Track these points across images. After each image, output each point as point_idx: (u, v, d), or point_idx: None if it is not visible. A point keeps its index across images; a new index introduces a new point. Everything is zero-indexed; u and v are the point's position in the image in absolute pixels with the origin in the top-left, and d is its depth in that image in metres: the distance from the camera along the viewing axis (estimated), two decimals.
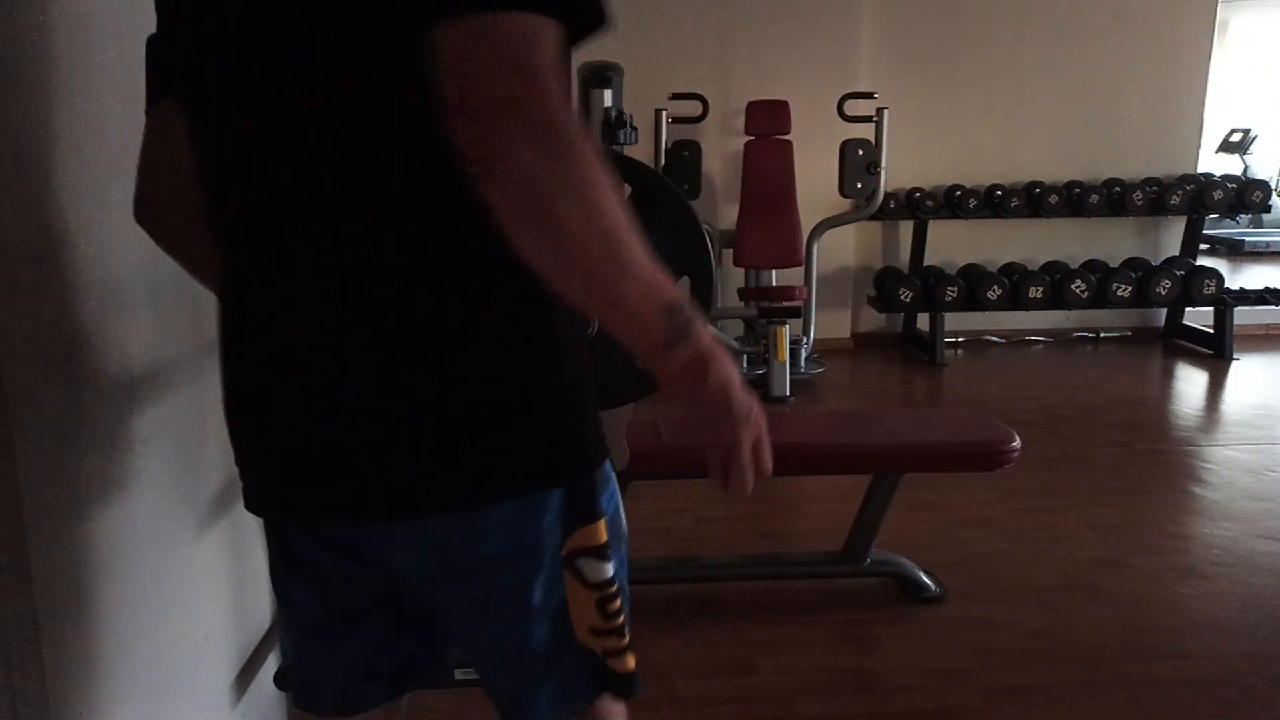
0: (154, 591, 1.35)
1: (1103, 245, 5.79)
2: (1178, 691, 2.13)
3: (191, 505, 1.49)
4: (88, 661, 1.16)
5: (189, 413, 1.49)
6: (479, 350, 0.84)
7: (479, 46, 0.70)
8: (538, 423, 0.87)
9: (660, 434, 2.53)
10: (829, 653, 2.34)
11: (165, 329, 1.41)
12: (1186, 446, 3.92)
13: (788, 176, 5.04)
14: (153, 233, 1.03)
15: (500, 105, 0.70)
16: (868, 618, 2.50)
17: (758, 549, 2.95)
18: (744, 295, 5.00)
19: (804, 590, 2.64)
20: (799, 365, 4.90)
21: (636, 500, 3.04)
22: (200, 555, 1.52)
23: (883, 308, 5.50)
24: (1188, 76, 5.73)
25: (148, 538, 1.33)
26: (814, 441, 2.55)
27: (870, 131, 4.86)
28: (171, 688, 1.39)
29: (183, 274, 1.08)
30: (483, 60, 0.70)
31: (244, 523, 1.72)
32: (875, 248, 5.84)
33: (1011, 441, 2.42)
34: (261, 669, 1.75)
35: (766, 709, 2.10)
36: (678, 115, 4.96)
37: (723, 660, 2.30)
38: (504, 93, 0.70)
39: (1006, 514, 3.17)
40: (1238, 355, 5.39)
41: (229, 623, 1.63)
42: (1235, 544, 2.91)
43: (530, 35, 0.71)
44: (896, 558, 2.66)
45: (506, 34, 0.71)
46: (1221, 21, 6.00)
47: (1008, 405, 4.43)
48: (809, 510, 3.28)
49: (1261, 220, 8.33)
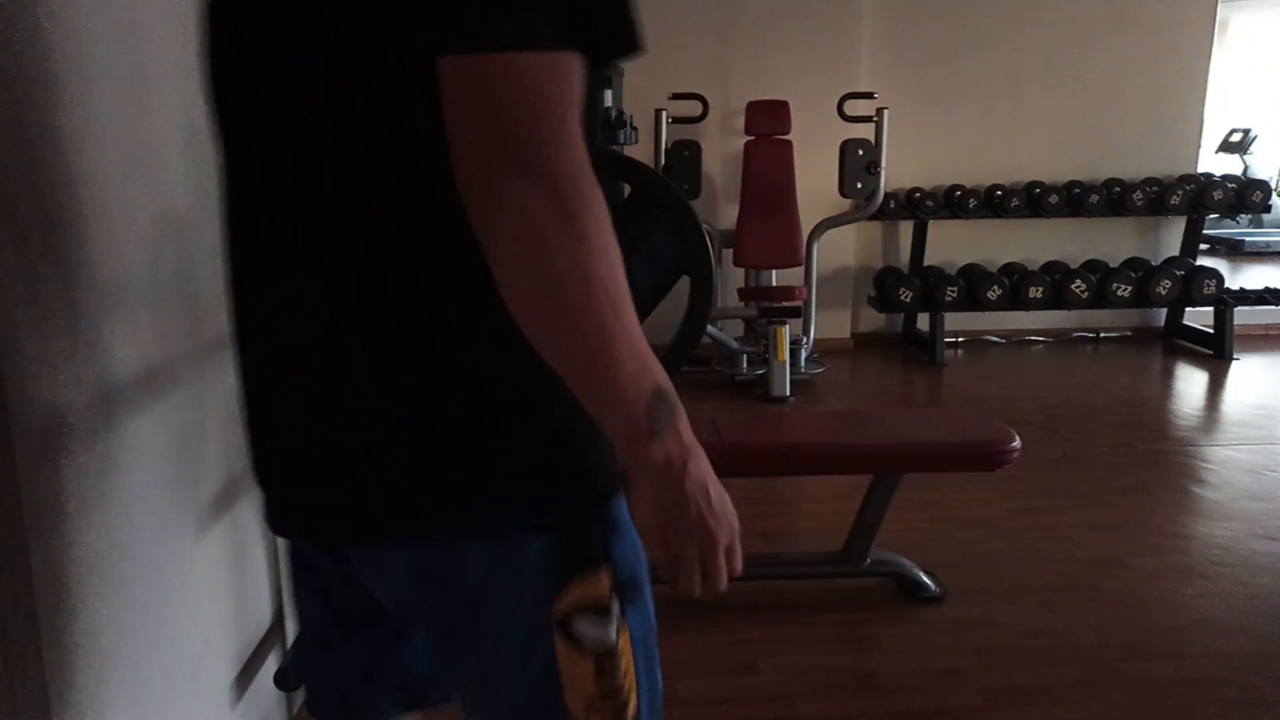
0: (154, 591, 1.35)
1: (1103, 245, 5.79)
2: (1178, 691, 2.13)
3: (191, 505, 1.49)
4: (88, 661, 1.16)
5: (189, 413, 1.49)
6: (464, 363, 0.78)
7: (481, 87, 0.66)
8: (520, 453, 0.80)
9: None
10: (829, 653, 2.34)
11: (165, 329, 1.41)
12: (1186, 446, 3.92)
13: (788, 176, 5.04)
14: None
15: (502, 152, 0.66)
16: (868, 618, 2.50)
17: (758, 549, 2.94)
18: (744, 295, 5.00)
19: (804, 590, 2.64)
20: (799, 365, 4.90)
21: None
22: (200, 555, 1.52)
23: (883, 308, 5.50)
24: (1187, 76, 5.73)
25: (148, 538, 1.33)
26: (814, 441, 2.54)
27: (870, 131, 4.86)
28: (171, 688, 1.39)
29: (183, 274, 1.08)
30: (485, 102, 0.66)
31: (244, 523, 1.72)
32: (875, 248, 5.84)
33: (1011, 441, 2.42)
34: (261, 669, 1.75)
35: (766, 709, 2.10)
36: (678, 115, 4.96)
37: (723, 660, 2.29)
38: (508, 138, 0.66)
39: (1006, 514, 3.17)
40: (1238, 355, 5.39)
41: (229, 623, 1.63)
42: (1235, 544, 2.91)
43: (541, 76, 0.66)
44: (896, 558, 2.66)
45: (515, 75, 0.66)
46: (1221, 21, 6.00)
47: (1008, 405, 4.43)
48: (809, 510, 3.28)
49: (1261, 220, 8.33)
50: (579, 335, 0.68)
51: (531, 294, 0.68)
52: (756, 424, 2.73)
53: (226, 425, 1.64)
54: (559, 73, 0.67)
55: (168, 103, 1.44)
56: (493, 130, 0.66)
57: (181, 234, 1.47)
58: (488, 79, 0.66)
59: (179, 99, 1.47)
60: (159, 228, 1.39)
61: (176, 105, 1.47)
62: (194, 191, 1.52)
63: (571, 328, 0.68)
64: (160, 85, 1.41)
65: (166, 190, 1.43)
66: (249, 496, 1.74)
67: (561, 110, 0.67)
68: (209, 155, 1.58)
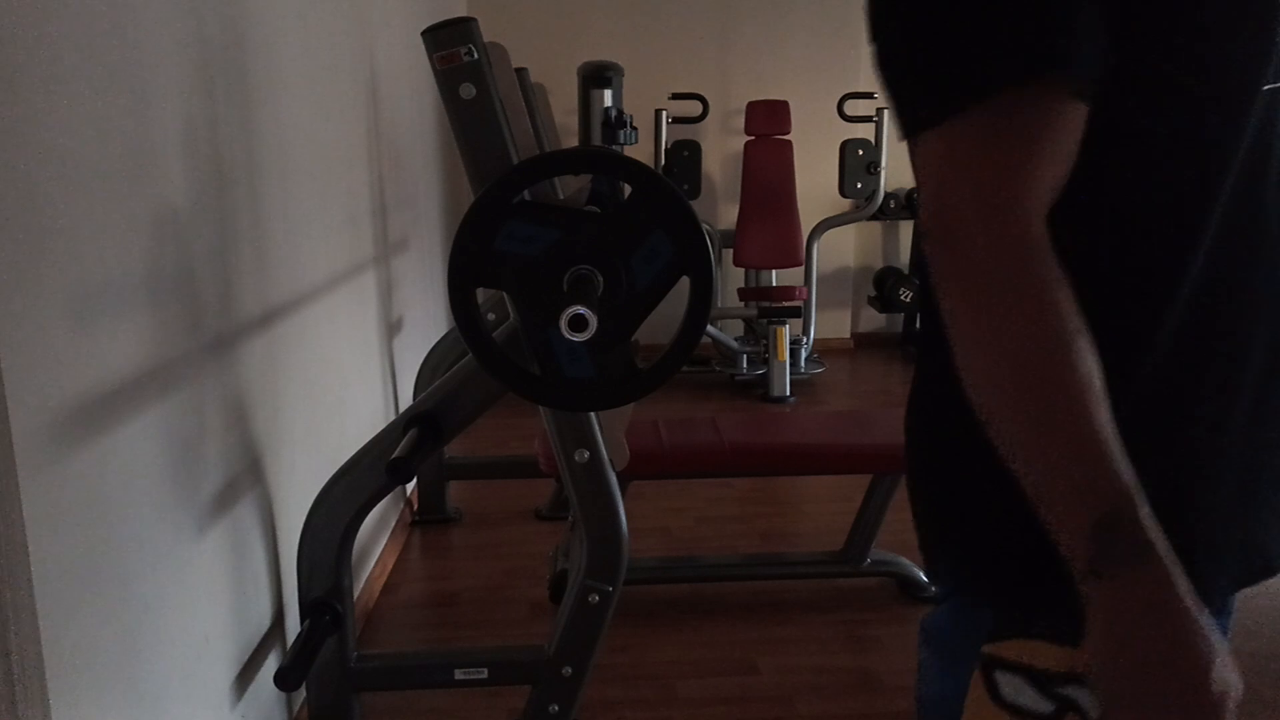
0: (154, 591, 1.35)
1: None
2: None
3: (191, 505, 1.49)
4: (88, 661, 1.16)
5: (189, 413, 1.49)
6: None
7: (918, 168, 0.65)
8: (985, 524, 0.74)
9: (660, 434, 2.53)
10: (829, 653, 2.34)
11: (165, 329, 1.41)
12: None
13: (788, 176, 5.04)
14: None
15: (934, 237, 0.63)
16: (868, 618, 2.50)
17: (758, 549, 2.94)
18: (744, 295, 5.00)
19: (804, 590, 2.64)
20: (799, 365, 4.90)
21: (637, 500, 3.04)
22: (200, 555, 1.52)
23: (883, 308, 5.50)
24: None
25: (148, 538, 1.33)
26: (814, 441, 2.54)
27: (870, 131, 4.86)
28: (171, 688, 1.39)
29: (183, 274, 1.08)
30: (921, 184, 0.65)
31: (244, 523, 1.72)
32: (875, 248, 5.83)
33: None
34: (261, 669, 1.75)
35: (766, 709, 2.10)
36: (678, 115, 4.96)
37: (723, 660, 2.29)
38: (935, 225, 0.63)
39: None
40: None
41: (229, 623, 1.63)
42: None
43: (954, 157, 0.62)
44: (896, 558, 2.66)
45: (926, 158, 0.64)
46: None
47: None
48: (809, 510, 3.27)
49: None
50: (1008, 426, 0.62)
51: (963, 375, 0.65)
52: (756, 424, 2.73)
53: (226, 425, 1.64)
54: (985, 148, 0.63)
55: (168, 102, 1.44)
56: (929, 214, 0.66)
57: (181, 234, 1.47)
58: (916, 159, 0.67)
59: (179, 98, 1.47)
60: (159, 228, 1.39)
61: (177, 104, 1.47)
62: (194, 191, 1.52)
63: (1000, 417, 0.62)
64: (161, 84, 1.41)
65: (166, 190, 1.43)
66: (249, 496, 1.74)
67: (997, 188, 0.63)
68: (209, 155, 1.58)
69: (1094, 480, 0.58)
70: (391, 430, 1.66)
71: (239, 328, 1.71)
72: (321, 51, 2.33)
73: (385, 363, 3.00)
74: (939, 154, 0.63)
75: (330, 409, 2.34)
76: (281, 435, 1.93)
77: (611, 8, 5.12)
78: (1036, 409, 0.59)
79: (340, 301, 2.45)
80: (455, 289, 1.39)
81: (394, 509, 2.95)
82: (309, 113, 2.19)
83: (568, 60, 4.37)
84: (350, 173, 2.59)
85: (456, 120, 1.50)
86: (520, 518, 3.16)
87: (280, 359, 1.94)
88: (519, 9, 4.99)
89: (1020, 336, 0.59)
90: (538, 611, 2.53)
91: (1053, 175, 0.61)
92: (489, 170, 1.49)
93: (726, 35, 5.32)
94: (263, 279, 1.85)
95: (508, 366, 1.45)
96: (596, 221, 1.38)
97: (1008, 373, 0.60)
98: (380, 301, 2.91)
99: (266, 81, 1.90)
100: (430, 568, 2.89)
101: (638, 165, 1.41)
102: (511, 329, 1.54)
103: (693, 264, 1.36)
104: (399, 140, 3.28)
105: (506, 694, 2.03)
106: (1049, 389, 0.59)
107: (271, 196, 1.90)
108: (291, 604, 1.90)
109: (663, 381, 1.45)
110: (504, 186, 1.36)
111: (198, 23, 1.56)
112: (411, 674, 1.90)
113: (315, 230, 2.22)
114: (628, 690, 2.17)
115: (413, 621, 2.55)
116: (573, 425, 1.70)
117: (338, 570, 1.72)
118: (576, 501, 1.74)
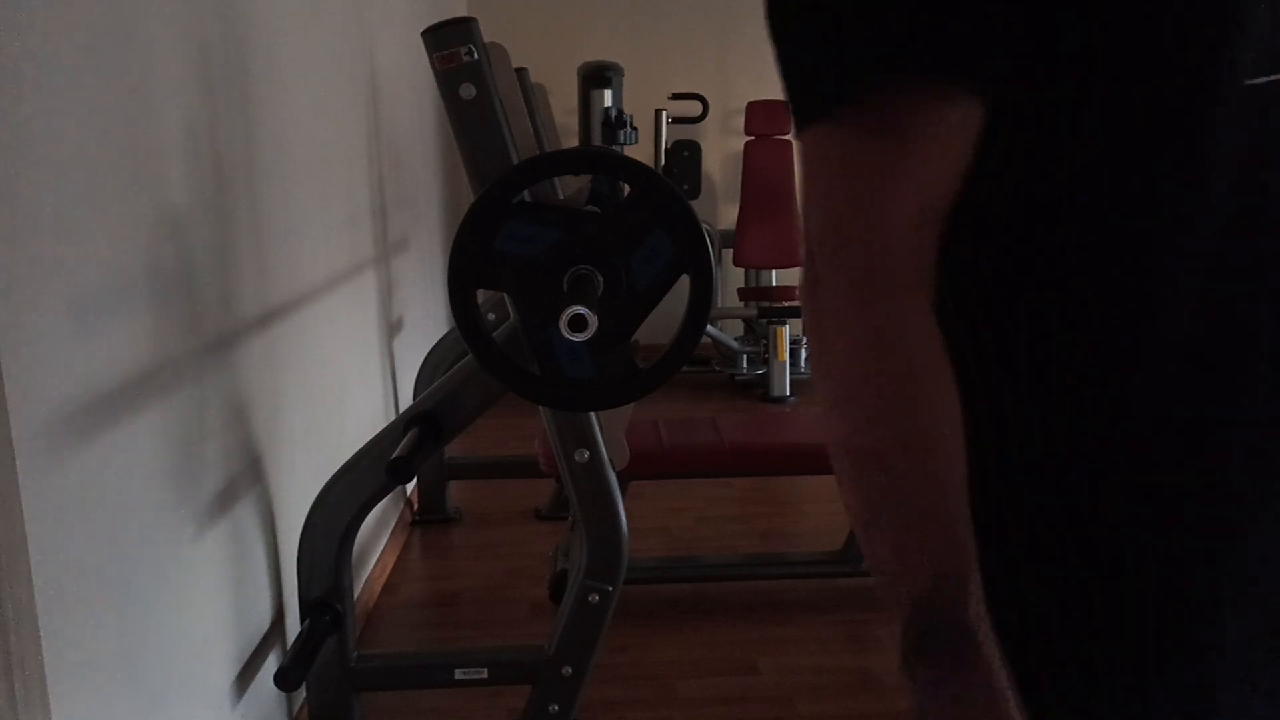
0: (154, 591, 1.35)
1: None
2: None
3: (191, 505, 1.49)
4: (88, 661, 1.16)
5: (189, 413, 1.49)
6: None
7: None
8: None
9: (660, 434, 2.53)
10: (829, 653, 2.34)
11: (165, 329, 1.41)
12: None
13: (788, 176, 5.03)
14: None
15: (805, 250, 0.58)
16: (868, 618, 2.50)
17: (758, 549, 2.94)
18: (744, 295, 5.00)
19: (804, 590, 2.63)
20: (799, 365, 4.89)
21: (637, 500, 3.04)
22: (200, 555, 1.52)
23: None
24: None
25: (148, 538, 1.34)
26: (814, 441, 2.54)
27: None
28: (171, 688, 1.39)
29: (182, 274, 1.08)
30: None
31: (244, 523, 1.72)
32: None
33: None
34: (261, 669, 1.75)
35: (766, 709, 2.10)
36: (678, 115, 4.96)
37: (723, 660, 2.29)
38: (804, 237, 0.58)
39: None
40: None
41: (229, 622, 1.63)
42: None
43: (820, 156, 0.57)
44: None
45: (803, 157, 0.58)
46: None
47: None
48: (809, 510, 3.27)
49: None
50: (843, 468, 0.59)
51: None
52: (756, 424, 2.73)
53: (226, 425, 1.64)
54: (835, 154, 0.59)
55: (168, 102, 1.44)
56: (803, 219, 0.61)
57: (181, 234, 1.47)
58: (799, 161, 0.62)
59: (180, 98, 1.48)
60: (159, 228, 1.39)
61: (177, 104, 1.47)
62: (194, 191, 1.52)
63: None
64: (161, 84, 1.41)
65: (166, 190, 1.43)
66: (249, 496, 1.74)
67: (843, 206, 0.59)
68: (209, 155, 1.58)
69: (919, 553, 0.54)
70: (392, 430, 1.66)
71: (239, 327, 1.71)
72: (321, 51, 2.33)
73: (385, 363, 3.00)
74: (803, 159, 0.58)
75: (330, 409, 2.34)
76: (281, 435, 1.93)
77: (611, 8, 5.12)
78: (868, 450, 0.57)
79: (340, 301, 2.45)
80: (455, 289, 1.39)
81: (394, 509, 2.95)
82: (309, 113, 2.19)
83: (568, 60, 4.37)
84: (350, 173, 2.59)
85: (456, 120, 1.50)
86: (520, 518, 3.16)
87: (280, 359, 1.94)
88: (519, 9, 4.99)
89: (855, 380, 0.56)
90: (538, 611, 2.53)
91: (932, 178, 0.55)
92: (489, 170, 1.49)
93: (726, 35, 5.32)
94: (262, 279, 1.85)
95: (508, 366, 1.45)
96: (596, 221, 1.38)
97: (850, 408, 0.58)
98: (380, 301, 2.91)
99: (266, 81, 1.90)
100: (430, 568, 2.89)
101: (638, 165, 1.41)
102: (511, 329, 1.54)
103: (693, 264, 1.36)
104: (399, 140, 3.29)
105: (507, 694, 2.03)
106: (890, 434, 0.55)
107: (271, 196, 1.90)
108: (291, 604, 1.90)
109: (663, 381, 1.45)
110: (504, 186, 1.36)
111: (198, 23, 1.56)
112: (411, 674, 1.90)
113: (315, 230, 2.22)
114: (628, 690, 2.17)
115: (413, 621, 2.55)
116: (573, 425, 1.70)
117: (338, 570, 1.72)
118: (576, 501, 1.74)
